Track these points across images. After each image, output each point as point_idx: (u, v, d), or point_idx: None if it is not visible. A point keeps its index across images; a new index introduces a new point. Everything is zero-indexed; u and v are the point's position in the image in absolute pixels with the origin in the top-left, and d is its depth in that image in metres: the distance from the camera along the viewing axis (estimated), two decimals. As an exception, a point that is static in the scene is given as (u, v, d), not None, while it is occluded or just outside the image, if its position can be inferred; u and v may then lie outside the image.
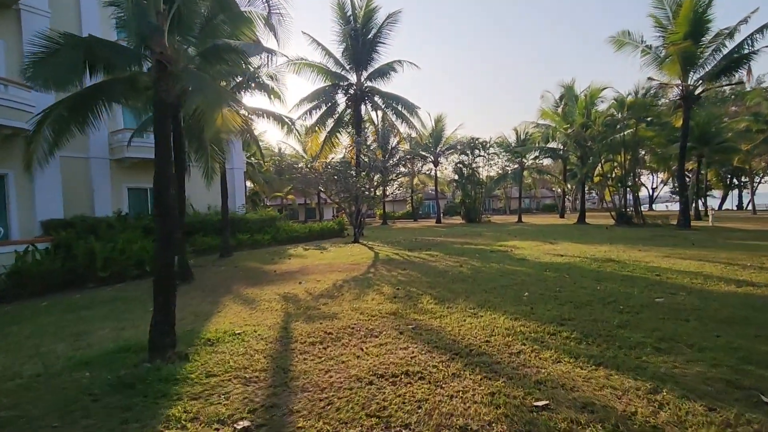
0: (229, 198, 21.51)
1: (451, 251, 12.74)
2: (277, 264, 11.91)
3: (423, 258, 11.50)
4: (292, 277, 9.26)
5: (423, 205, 56.67)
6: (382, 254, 12.89)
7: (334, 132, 22.84)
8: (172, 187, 4.18)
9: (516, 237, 16.92)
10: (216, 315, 6.03)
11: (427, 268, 9.50)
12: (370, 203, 24.95)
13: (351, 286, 7.73)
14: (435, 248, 13.83)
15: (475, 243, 15.11)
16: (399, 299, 6.40)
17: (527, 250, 11.96)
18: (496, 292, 6.56)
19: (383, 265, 10.39)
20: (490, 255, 11.40)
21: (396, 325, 4.96)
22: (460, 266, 9.54)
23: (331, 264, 11.17)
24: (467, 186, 31.65)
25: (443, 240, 17.16)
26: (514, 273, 8.32)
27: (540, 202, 70.70)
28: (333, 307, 6.09)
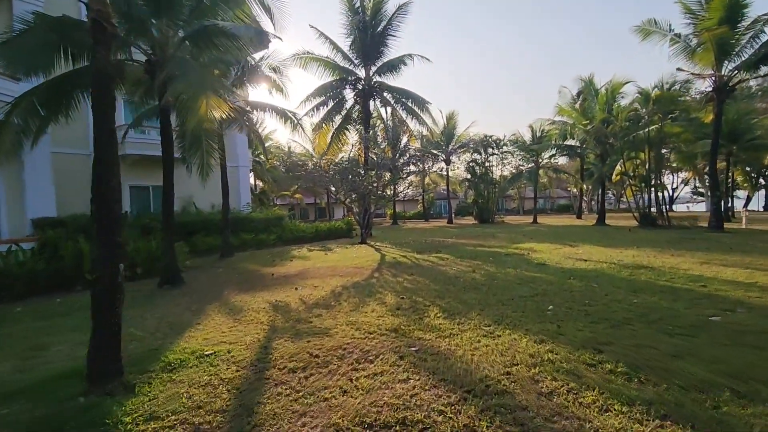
0: (233, 196, 20.98)
1: (462, 254, 11.86)
2: (278, 266, 11.19)
3: (432, 261, 10.65)
4: (289, 282, 8.51)
5: (434, 205, 55.66)
6: (389, 257, 12.07)
7: (341, 129, 22.10)
8: (113, 178, 3.42)
9: (532, 239, 15.93)
10: (193, 328, 5.28)
11: (437, 274, 8.65)
12: (379, 203, 24.17)
13: (350, 294, 6.93)
14: (446, 250, 12.95)
15: (489, 245, 14.19)
16: (403, 311, 5.58)
17: (546, 254, 11.01)
18: (514, 305, 5.69)
19: (389, 270, 9.57)
20: (505, 259, 10.49)
21: (396, 347, 4.14)
22: (473, 272, 8.67)
23: (333, 267, 10.40)
24: (480, 185, 30.60)
25: (455, 241, 16.27)
26: (534, 281, 7.42)
27: (555, 203, 69.01)
28: (326, 320, 5.30)
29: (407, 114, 21.98)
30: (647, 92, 19.94)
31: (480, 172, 31.15)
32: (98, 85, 3.55)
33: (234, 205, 20.41)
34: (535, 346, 3.97)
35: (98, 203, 3.35)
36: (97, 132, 3.56)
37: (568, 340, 4.12)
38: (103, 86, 3.55)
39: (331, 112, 21.73)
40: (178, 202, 19.14)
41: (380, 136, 23.37)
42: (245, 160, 21.84)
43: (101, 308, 3.31)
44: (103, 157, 3.43)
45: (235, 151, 21.11)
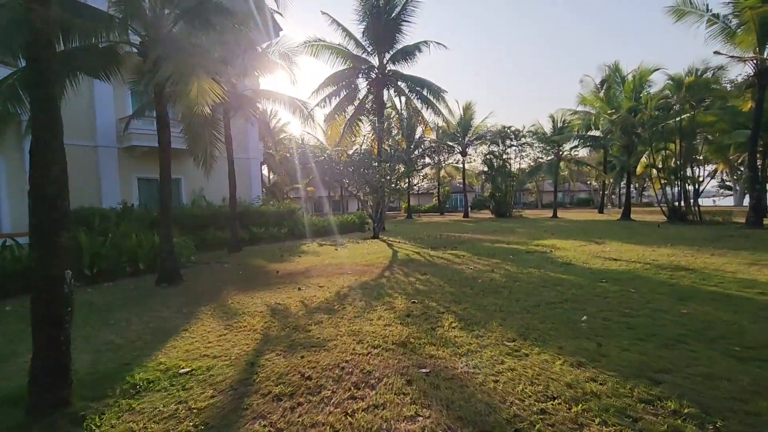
0: (244, 189, 20.59)
1: (480, 251, 11.11)
2: (285, 262, 10.66)
3: (447, 259, 9.95)
4: (294, 281, 7.94)
5: (450, 199, 54.66)
6: (402, 253, 11.41)
7: (354, 119, 21.43)
8: (56, 165, 2.82)
9: (554, 235, 15.05)
10: (178, 336, 4.73)
11: (452, 273, 7.95)
12: (392, 196, 23.49)
13: (357, 296, 6.31)
14: (462, 247, 12.22)
15: (508, 241, 13.39)
16: (413, 319, 4.92)
17: (570, 252, 10.19)
18: (541, 313, 4.97)
19: (401, 268, 8.91)
20: (526, 257, 9.71)
21: (403, 367, 3.49)
22: (492, 271, 7.95)
23: (342, 264, 9.80)
24: (497, 178, 29.62)
25: (471, 237, 15.50)
26: (561, 283, 6.66)
27: (574, 196, 67.16)
28: (327, 329, 4.69)
29: (422, 104, 21.17)
30: (679, 78, 18.63)
31: (497, 164, 30.14)
32: (33, 54, 2.93)
33: (245, 198, 20.04)
34: (573, 372, 3.26)
35: (35, 197, 2.75)
36: (34, 111, 2.95)
37: (613, 364, 3.39)
38: (39, 56, 2.92)
39: (344, 102, 21.07)
40: (188, 195, 19.00)
41: (394, 127, 22.64)
42: (256, 152, 21.40)
43: (42, 325, 2.74)
44: (41, 140, 2.82)
45: (245, 143, 20.68)
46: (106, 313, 6.05)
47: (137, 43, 7.82)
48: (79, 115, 15.42)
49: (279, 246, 15.26)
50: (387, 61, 20.34)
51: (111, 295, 7.35)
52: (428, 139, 25.48)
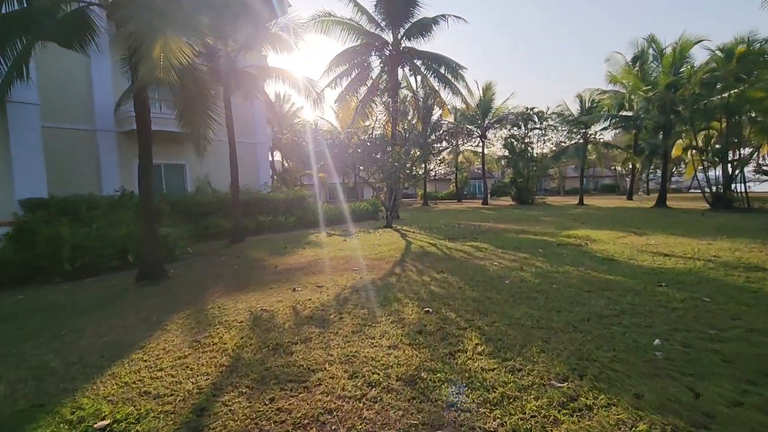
0: (251, 175, 19.70)
1: (503, 243, 9.90)
2: (287, 255, 9.69)
3: (467, 252, 8.78)
4: (291, 278, 6.94)
5: (467, 185, 53.00)
6: (416, 245, 10.30)
7: (367, 101, 20.16)
8: None
9: (584, 224, 13.66)
10: (127, 358, 3.76)
11: (473, 271, 6.81)
12: (408, 182, 22.28)
13: (360, 301, 5.24)
14: (483, 238, 11.02)
15: (534, 231, 12.10)
16: (426, 338, 3.83)
17: (610, 245, 8.88)
18: (594, 331, 3.80)
19: (414, 263, 7.81)
20: (559, 251, 8.46)
21: (410, 426, 2.41)
22: (521, 269, 6.76)
23: (348, 258, 8.75)
24: (519, 163, 27.98)
25: (492, 226, 14.24)
26: (609, 286, 5.44)
27: (598, 182, 64.45)
28: (314, 351, 3.64)
29: (439, 83, 19.74)
30: (731, 49, 16.61)
31: (519, 148, 28.48)
32: None
33: (252, 184, 19.17)
34: (671, 448, 2.12)
35: None
36: None
37: (730, 432, 2.23)
38: None
39: (355, 82, 19.81)
40: (191, 182, 18.22)
41: (410, 108, 21.30)
42: (264, 137, 20.46)
43: None
44: None
45: (252, 127, 19.75)
46: (64, 319, 5.16)
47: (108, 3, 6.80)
48: (76, 97, 14.67)
49: (285, 236, 14.34)
50: (401, 36, 18.92)
51: (83, 295, 6.48)
52: (446, 121, 24.04)
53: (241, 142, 19.45)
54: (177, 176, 17.46)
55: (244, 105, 18.89)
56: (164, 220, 13.58)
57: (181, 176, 17.60)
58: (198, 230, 14.40)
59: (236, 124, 19.22)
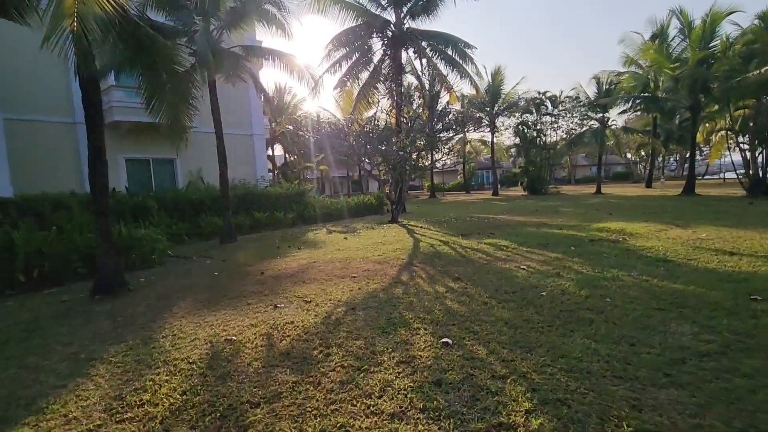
0: (247, 169, 18.51)
1: (526, 239, 8.59)
2: (278, 258, 8.49)
3: (486, 252, 7.50)
4: (276, 289, 5.73)
5: (475, 176, 51.47)
6: (425, 242, 9.03)
7: (369, 87, 18.78)
8: None
9: (611, 214, 12.28)
10: (10, 429, 2.56)
11: (498, 278, 5.53)
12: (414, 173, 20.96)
13: (355, 325, 4.01)
14: (500, 233, 9.73)
15: (557, 225, 10.77)
16: (448, 395, 2.59)
17: (654, 241, 7.53)
18: (705, 387, 2.51)
19: (424, 267, 6.55)
20: (595, 249, 7.15)
21: None
22: (557, 274, 5.48)
23: (347, 261, 7.52)
24: (531, 151, 26.49)
25: (508, 219, 12.91)
26: (683, 301, 4.14)
27: (610, 170, 62.48)
28: (282, 419, 2.41)
29: (446, 65, 18.27)
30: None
31: (530, 135, 26.96)
32: None
33: (249, 179, 17.99)
34: None
35: None
36: None
37: None
38: None
39: (356, 66, 18.43)
40: (183, 177, 17.07)
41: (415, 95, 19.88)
42: (260, 128, 19.20)
43: None
44: None
45: (247, 118, 18.51)
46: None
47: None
48: (53, 87, 13.51)
49: (282, 234, 13.16)
50: (404, 15, 17.49)
51: (20, 314, 5.30)
52: (453, 109, 22.59)
53: (235, 133, 18.26)
54: (167, 171, 16.32)
55: (238, 94, 17.67)
56: (150, 218, 12.54)
57: (172, 171, 16.46)
58: (188, 229, 13.30)
59: (230, 114, 18.04)
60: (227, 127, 18.08)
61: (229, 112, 17.91)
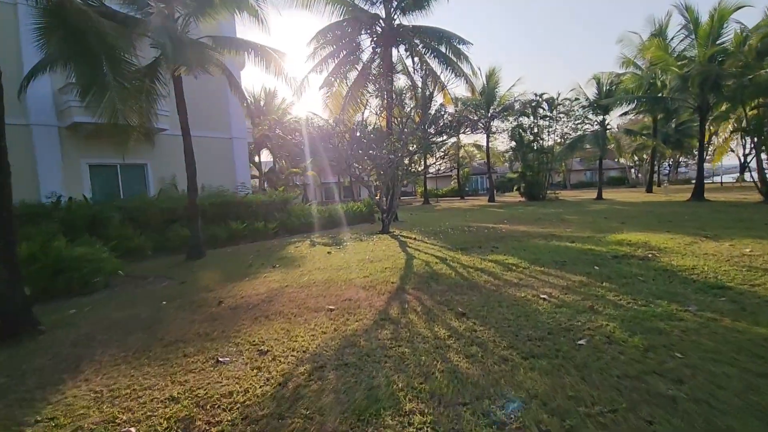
0: (225, 175, 17.18)
1: (537, 254, 7.36)
2: (246, 279, 7.18)
3: (492, 273, 6.24)
4: (228, 330, 4.42)
5: (469, 181, 50.42)
6: (420, 259, 7.77)
7: (358, 87, 17.57)
8: None
9: (624, 224, 11.12)
10: None
11: (513, 312, 4.28)
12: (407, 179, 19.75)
13: (320, 403, 2.71)
14: (505, 246, 8.50)
15: (568, 236, 9.57)
16: None
17: (691, 258, 6.34)
18: None
19: (418, 296, 5.27)
20: (626, 269, 5.92)
21: None
22: (591, 308, 4.23)
23: (327, 285, 6.23)
24: (528, 155, 25.43)
25: (510, 229, 11.70)
26: (785, 356, 2.92)
27: (605, 175, 61.77)
28: None
29: (440, 64, 17.12)
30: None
31: (528, 138, 25.93)
32: None
33: (229, 185, 16.66)
34: None
35: None
36: None
37: None
38: None
39: (343, 65, 17.22)
40: (156, 183, 15.67)
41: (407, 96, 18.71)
42: (241, 131, 17.91)
43: None
44: None
45: (226, 120, 17.23)
46: None
47: None
48: (2, 84, 12.11)
49: (260, 247, 11.84)
50: (394, 9, 16.35)
51: None
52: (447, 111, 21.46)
53: (214, 136, 16.97)
54: (137, 178, 14.92)
55: (217, 95, 16.43)
56: (112, 230, 11.16)
57: (142, 178, 15.07)
58: (155, 241, 11.93)
59: (208, 116, 16.75)
60: (205, 130, 16.83)
61: (207, 113, 16.64)
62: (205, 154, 16.62)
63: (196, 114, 16.37)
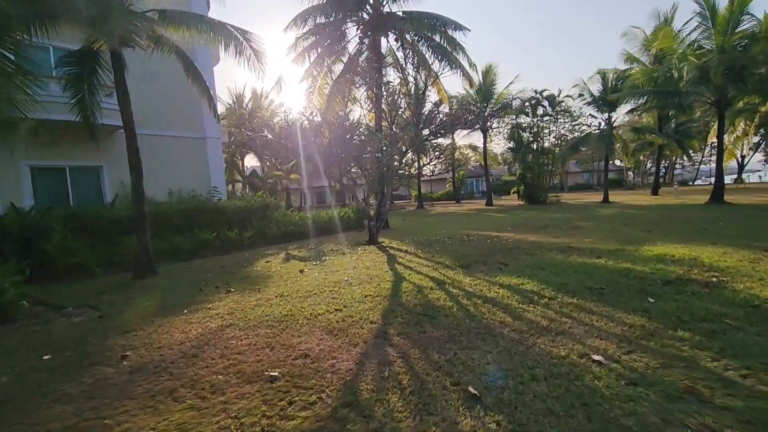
0: (197, 178, 15.46)
1: (562, 277, 5.70)
2: (185, 312, 5.46)
3: (506, 304, 4.57)
4: (103, 418, 2.70)
5: (464, 184, 48.88)
6: (411, 282, 6.09)
7: (343, 81, 15.89)
8: None
9: (654, 233, 9.52)
10: None
11: (553, 387, 2.62)
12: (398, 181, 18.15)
13: None
14: (515, 262, 6.86)
15: (589, 248, 7.93)
16: None
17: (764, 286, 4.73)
18: None
19: (406, 349, 3.58)
20: (692, 302, 4.27)
21: None
22: (689, 389, 2.57)
23: (282, 325, 4.53)
24: (528, 156, 23.89)
25: (517, 238, 10.05)
26: None
27: (601, 176, 60.61)
28: None
29: (433, 53, 15.48)
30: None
31: (527, 139, 24.40)
32: None
33: (200, 190, 14.93)
34: None
35: None
36: None
37: None
38: None
39: (327, 55, 15.56)
40: (114, 188, 13.88)
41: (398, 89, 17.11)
42: (215, 131, 16.18)
43: None
44: None
45: (198, 118, 15.49)
46: None
47: None
48: None
49: (229, 260, 10.15)
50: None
51: None
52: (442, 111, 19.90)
53: (184, 136, 15.25)
54: (90, 182, 13.11)
55: (188, 89, 14.68)
56: (53, 245, 9.39)
57: (97, 182, 13.26)
58: (105, 256, 10.21)
59: (179, 114, 15.02)
60: (174, 129, 15.10)
61: (176, 109, 14.90)
62: (174, 155, 14.90)
63: (163, 110, 14.68)
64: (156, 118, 14.21)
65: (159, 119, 14.40)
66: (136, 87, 13.83)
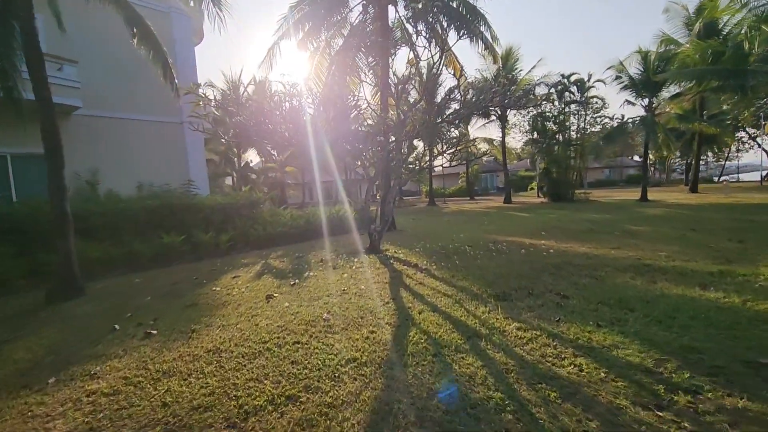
0: (173, 169, 13.35)
1: (668, 325, 3.37)
2: (49, 385, 3.25)
3: (608, 402, 2.27)
4: None
5: (479, 179, 46.20)
6: (424, 328, 3.82)
7: (345, 56, 13.58)
8: None
9: (746, 243, 7.11)
10: None
11: None
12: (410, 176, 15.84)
13: None
14: (578, 291, 4.55)
15: (673, 266, 5.56)
16: None
17: None
18: None
19: None
20: None
21: None
22: None
23: (211, 412, 2.28)
24: (555, 147, 21.34)
25: (561, 248, 7.68)
26: None
27: (623, 173, 57.39)
28: None
29: (448, 23, 13.05)
30: None
31: (552, 129, 21.83)
32: None
33: (174, 183, 12.81)
34: None
35: None
36: None
37: None
38: None
39: (318, 25, 13.25)
40: (69, 181, 11.79)
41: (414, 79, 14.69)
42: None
43: None
44: None
45: (174, 101, 13.30)
46: None
47: None
48: None
49: (186, 274, 7.96)
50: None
51: None
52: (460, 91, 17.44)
53: (158, 120, 13.14)
54: (38, 173, 11.02)
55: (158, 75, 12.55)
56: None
57: (48, 173, 11.17)
58: (36, 265, 8.15)
59: (151, 94, 12.89)
60: (145, 112, 12.99)
61: (148, 90, 12.80)
62: (148, 142, 12.83)
63: (133, 90, 12.60)
64: (121, 98, 12.12)
65: (125, 100, 12.31)
66: (96, 60, 11.83)
